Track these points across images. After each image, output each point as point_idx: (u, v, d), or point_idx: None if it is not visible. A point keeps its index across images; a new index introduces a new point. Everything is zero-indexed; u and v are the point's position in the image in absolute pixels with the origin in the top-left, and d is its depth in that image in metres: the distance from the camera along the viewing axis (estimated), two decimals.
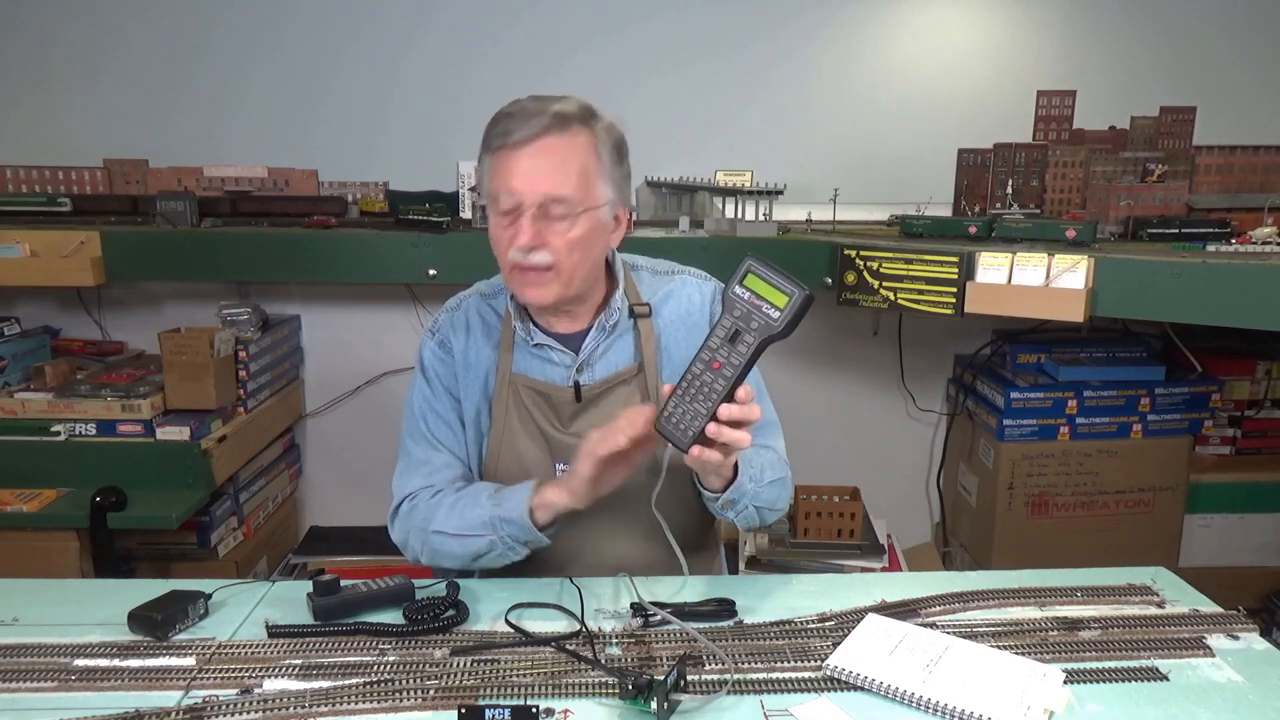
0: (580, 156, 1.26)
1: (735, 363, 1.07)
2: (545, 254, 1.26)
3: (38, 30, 2.63)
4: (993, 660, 1.10)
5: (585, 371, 1.38)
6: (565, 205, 1.25)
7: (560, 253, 1.26)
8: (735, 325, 1.08)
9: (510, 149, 1.24)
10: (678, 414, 1.11)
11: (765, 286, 1.06)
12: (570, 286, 1.30)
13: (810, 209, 2.58)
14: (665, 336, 1.41)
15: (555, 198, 1.24)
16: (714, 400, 1.08)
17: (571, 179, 1.25)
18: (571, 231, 1.26)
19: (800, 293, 1.05)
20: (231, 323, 2.39)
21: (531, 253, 1.25)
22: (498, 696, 1.03)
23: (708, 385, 1.09)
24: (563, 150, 1.25)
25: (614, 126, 1.31)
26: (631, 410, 1.19)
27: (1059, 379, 2.53)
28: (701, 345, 1.10)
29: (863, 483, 2.22)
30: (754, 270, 1.07)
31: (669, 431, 1.12)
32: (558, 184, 1.24)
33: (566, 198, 1.24)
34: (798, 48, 2.72)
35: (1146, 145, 2.46)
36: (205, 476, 2.18)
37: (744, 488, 1.26)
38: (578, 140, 1.26)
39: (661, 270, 1.47)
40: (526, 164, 1.24)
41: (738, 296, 1.08)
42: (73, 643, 1.13)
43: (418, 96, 2.69)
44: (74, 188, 2.60)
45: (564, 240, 1.26)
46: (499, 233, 1.28)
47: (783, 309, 1.05)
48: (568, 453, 1.37)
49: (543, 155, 1.24)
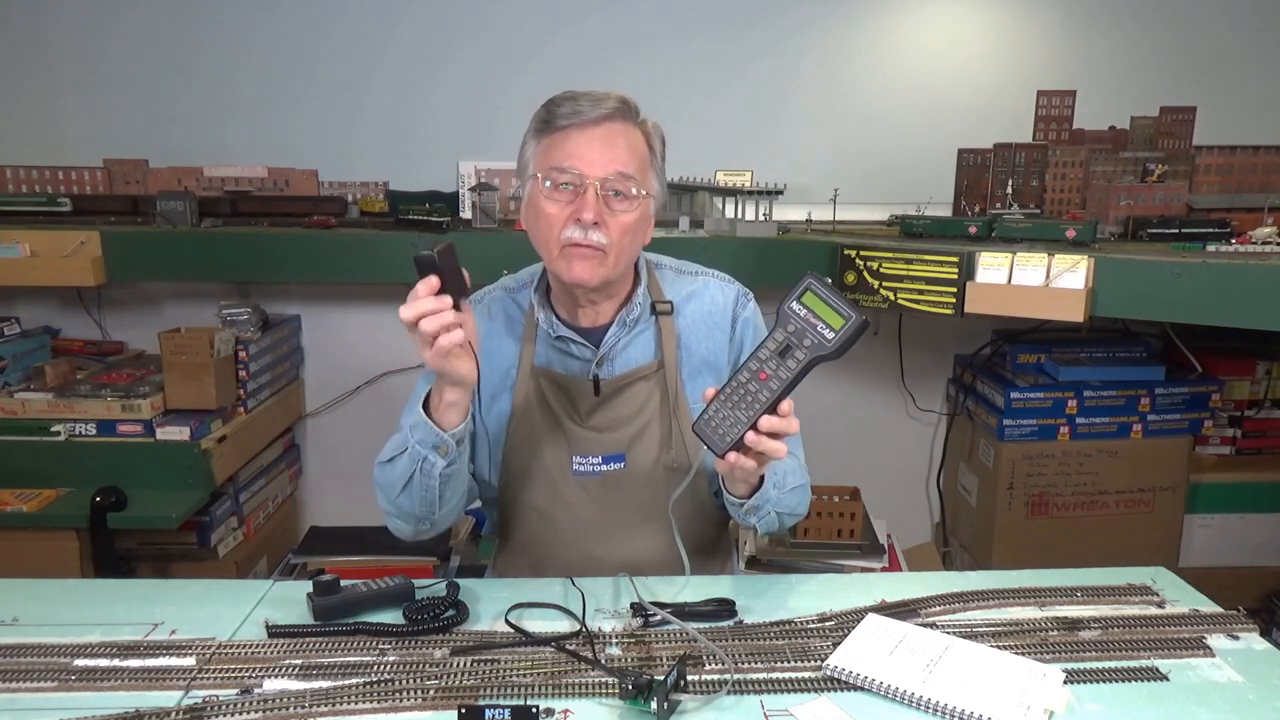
0: (642, 145, 1.31)
1: (783, 376, 1.08)
2: (602, 234, 1.27)
3: (37, 30, 2.63)
4: (993, 660, 1.10)
5: (605, 365, 1.39)
6: (632, 184, 1.27)
7: (614, 235, 1.28)
8: (787, 340, 1.08)
9: (579, 128, 1.26)
10: (718, 419, 1.11)
11: (822, 306, 1.07)
12: (615, 271, 1.32)
13: (810, 209, 2.58)
14: (686, 335, 1.42)
15: (625, 174, 1.27)
16: (756, 410, 1.09)
17: (635, 164, 1.28)
18: (628, 215, 1.28)
19: (857, 318, 1.06)
20: (231, 323, 2.39)
21: (592, 230, 1.26)
22: (498, 696, 1.03)
23: (752, 395, 1.09)
24: (629, 136, 1.30)
25: (659, 127, 1.35)
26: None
27: (1059, 379, 2.53)
28: (750, 355, 1.11)
29: (863, 483, 2.22)
30: (813, 289, 1.08)
31: (707, 435, 1.12)
32: (626, 164, 1.27)
33: (634, 177, 1.28)
34: (798, 47, 2.72)
35: (1146, 145, 2.46)
36: (205, 476, 2.18)
37: (768, 494, 1.26)
38: (640, 131, 1.32)
39: (686, 270, 1.48)
40: (598, 142, 1.26)
41: (793, 312, 1.08)
42: (73, 643, 1.13)
43: (418, 97, 2.68)
44: (74, 188, 2.60)
45: (619, 223, 1.28)
46: (553, 210, 1.28)
47: (838, 330, 1.07)
48: (585, 445, 1.38)
49: (613, 136, 1.27)
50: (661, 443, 1.39)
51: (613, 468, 1.39)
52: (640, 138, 1.31)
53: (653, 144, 1.33)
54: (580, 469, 1.39)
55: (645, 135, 1.32)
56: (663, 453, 1.39)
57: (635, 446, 1.39)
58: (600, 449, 1.39)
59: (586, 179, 1.26)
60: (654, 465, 1.39)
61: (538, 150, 1.31)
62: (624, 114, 1.29)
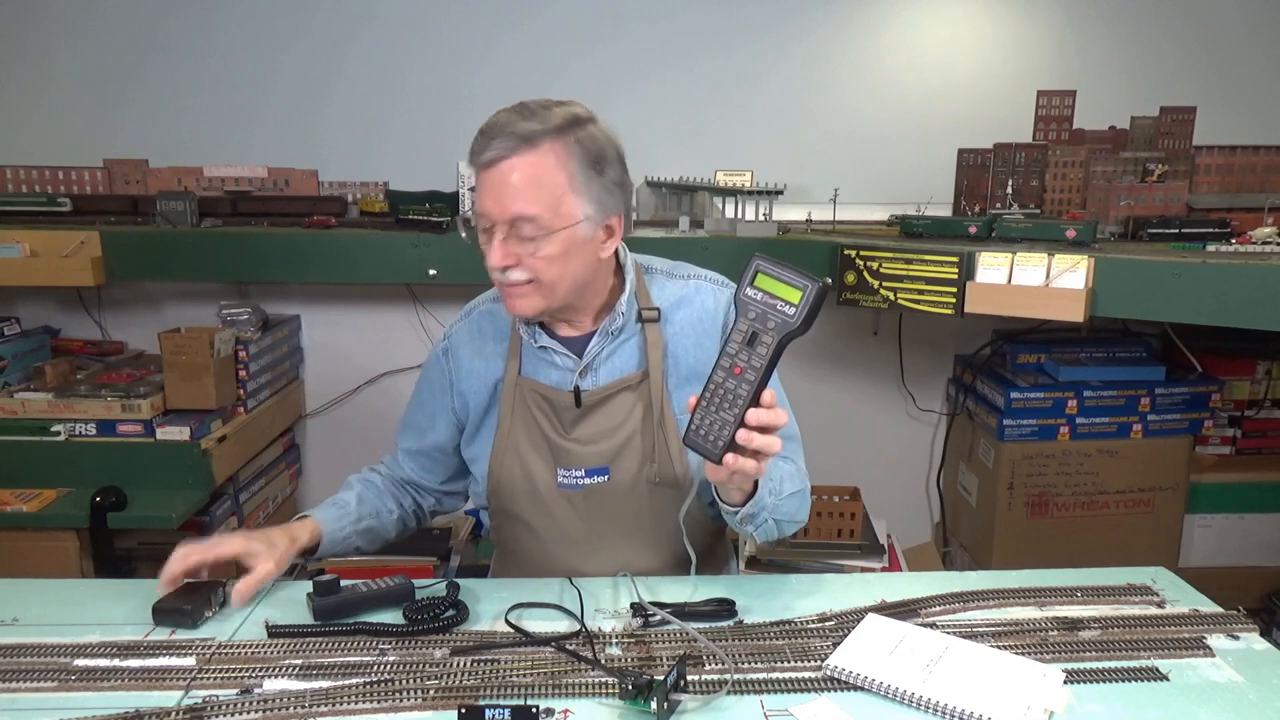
0: (550, 175, 1.21)
1: (756, 365, 1.04)
2: (520, 271, 1.24)
3: (38, 30, 2.63)
4: (993, 660, 1.09)
5: (588, 376, 1.37)
6: (534, 225, 1.21)
7: (538, 269, 1.24)
8: (751, 328, 1.05)
9: (481, 169, 1.23)
10: (705, 425, 1.07)
11: (776, 284, 1.04)
12: (554, 299, 1.28)
13: (810, 209, 2.58)
14: (674, 343, 1.38)
15: (523, 217, 1.21)
16: (740, 406, 1.05)
17: (541, 199, 1.21)
18: (545, 250, 1.23)
19: (813, 285, 1.02)
20: (231, 323, 2.39)
21: (506, 271, 1.25)
22: (498, 696, 1.03)
23: (731, 392, 1.05)
24: (530, 170, 1.20)
25: (597, 136, 1.25)
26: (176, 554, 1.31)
27: (1059, 379, 2.53)
28: (720, 353, 1.07)
29: (863, 483, 2.22)
30: (763, 269, 1.05)
31: (698, 444, 1.08)
32: (524, 205, 1.20)
33: (535, 217, 1.21)
34: (798, 47, 2.72)
35: (1146, 145, 2.46)
36: (205, 476, 2.18)
37: (763, 501, 1.23)
38: (546, 160, 1.21)
39: (678, 274, 1.43)
40: (495, 186, 1.22)
41: (750, 298, 1.05)
42: (73, 643, 1.13)
43: (418, 97, 2.68)
44: (74, 188, 2.60)
45: (538, 259, 1.23)
46: (482, 248, 1.27)
47: (797, 304, 1.02)
48: (569, 458, 1.37)
49: (509, 175, 1.21)
50: (645, 455, 1.36)
51: (596, 480, 1.37)
52: (555, 162, 1.21)
53: (574, 164, 1.22)
54: (564, 482, 1.37)
55: (561, 156, 1.21)
56: (646, 465, 1.36)
57: (619, 459, 1.36)
58: (583, 462, 1.36)
59: (493, 223, 1.23)
60: (638, 478, 1.36)
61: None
62: (527, 144, 1.20)
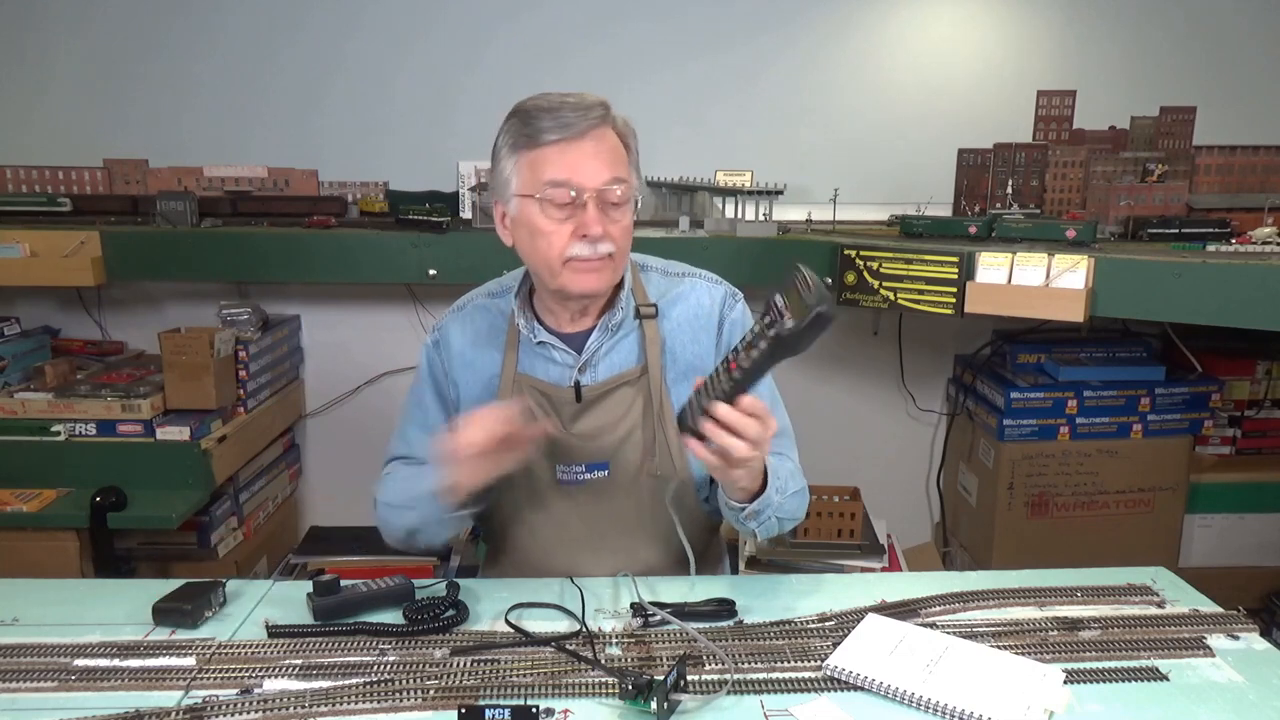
0: (620, 146, 1.29)
1: (744, 366, 1.06)
2: (608, 244, 1.27)
3: (38, 30, 2.63)
4: (993, 660, 1.10)
5: (588, 371, 1.38)
6: (622, 192, 1.27)
7: (618, 240, 1.28)
8: (759, 330, 1.06)
9: (569, 141, 1.24)
10: (690, 407, 1.11)
11: (795, 298, 1.04)
12: (618, 274, 1.33)
13: (810, 209, 2.58)
14: (671, 339, 1.40)
15: (619, 178, 1.26)
16: (718, 399, 1.08)
17: (623, 167, 1.28)
18: (625, 219, 1.29)
19: (815, 309, 1.00)
20: (231, 323, 2.39)
21: (600, 242, 1.26)
22: (498, 696, 1.03)
23: (719, 384, 1.09)
24: (613, 140, 1.28)
25: (629, 121, 1.33)
26: (481, 412, 1.21)
27: (1059, 379, 2.53)
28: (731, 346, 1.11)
29: (863, 483, 2.22)
30: (796, 281, 1.04)
31: (681, 421, 1.13)
32: (621, 169, 1.27)
33: (625, 180, 1.27)
34: (797, 47, 2.71)
35: (1146, 145, 2.46)
36: (205, 476, 2.18)
37: (770, 499, 1.24)
38: (621, 131, 1.30)
39: (673, 272, 1.46)
40: (590, 153, 1.25)
41: (773, 303, 1.06)
42: (73, 643, 1.13)
43: (418, 97, 2.68)
44: (74, 188, 2.60)
45: (620, 228, 1.28)
46: (551, 227, 1.26)
47: (796, 321, 1.02)
48: (569, 453, 1.37)
49: (602, 144, 1.26)
50: (645, 449, 1.37)
51: (597, 475, 1.37)
52: (617, 137, 1.29)
53: (628, 141, 1.31)
54: (564, 477, 1.38)
55: (620, 134, 1.30)
56: (646, 460, 1.37)
57: (619, 454, 1.37)
58: (584, 457, 1.37)
59: (585, 192, 1.24)
60: (638, 473, 1.37)
61: (520, 165, 1.27)
62: (608, 117, 1.27)
